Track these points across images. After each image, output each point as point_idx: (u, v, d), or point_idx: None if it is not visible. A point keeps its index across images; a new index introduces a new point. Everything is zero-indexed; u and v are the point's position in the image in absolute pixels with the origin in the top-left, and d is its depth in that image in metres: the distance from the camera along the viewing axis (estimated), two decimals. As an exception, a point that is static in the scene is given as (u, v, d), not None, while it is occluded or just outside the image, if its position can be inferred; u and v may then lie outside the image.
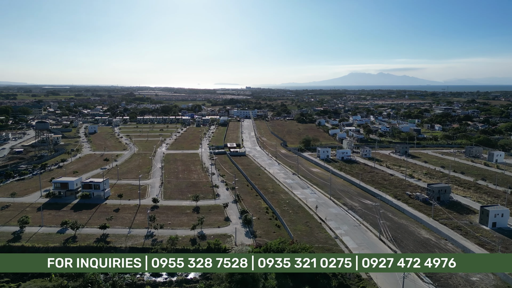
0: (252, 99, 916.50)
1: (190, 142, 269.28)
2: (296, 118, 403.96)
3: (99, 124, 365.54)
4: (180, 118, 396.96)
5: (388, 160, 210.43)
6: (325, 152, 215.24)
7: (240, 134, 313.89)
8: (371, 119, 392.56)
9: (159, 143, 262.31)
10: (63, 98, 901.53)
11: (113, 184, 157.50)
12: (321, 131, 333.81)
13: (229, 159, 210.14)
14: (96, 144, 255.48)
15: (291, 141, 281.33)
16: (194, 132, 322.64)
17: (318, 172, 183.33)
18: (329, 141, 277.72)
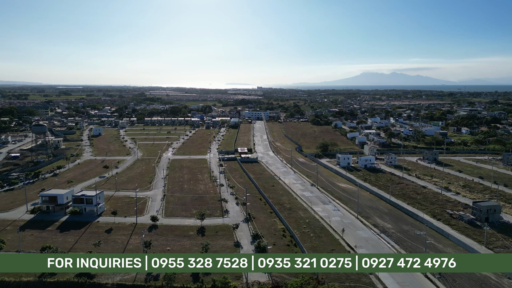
0: (264, 99, 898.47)
1: (198, 146, 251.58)
2: (311, 120, 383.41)
3: (105, 125, 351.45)
4: (189, 119, 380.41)
5: (416, 168, 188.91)
6: (346, 159, 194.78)
7: (252, 138, 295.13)
8: (391, 121, 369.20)
9: (165, 147, 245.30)
10: (74, 98, 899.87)
11: (109, 196, 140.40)
12: (338, 134, 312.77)
13: (240, 166, 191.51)
14: (98, 148, 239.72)
15: (307, 146, 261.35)
16: (203, 135, 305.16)
17: (340, 183, 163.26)
18: (347, 146, 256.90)
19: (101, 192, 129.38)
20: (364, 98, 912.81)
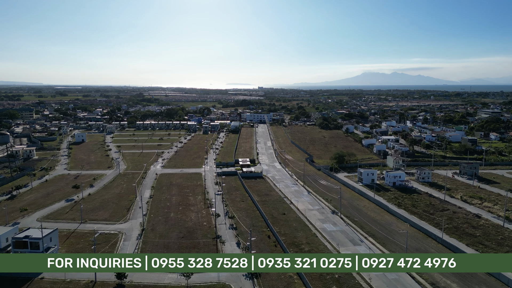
0: (265, 100, 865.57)
1: (193, 156, 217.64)
2: (318, 124, 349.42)
3: (93, 130, 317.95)
4: (186, 123, 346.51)
5: (456, 187, 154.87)
6: (370, 175, 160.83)
7: (255, 145, 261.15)
8: (408, 125, 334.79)
9: (154, 157, 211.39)
10: (69, 99, 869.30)
11: (71, 232, 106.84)
12: (351, 140, 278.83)
13: (241, 184, 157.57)
14: (76, 160, 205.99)
15: (318, 155, 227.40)
16: (200, 141, 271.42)
17: (369, 210, 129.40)
18: (365, 155, 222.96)
19: (54, 231, 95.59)
20: (369, 99, 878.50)
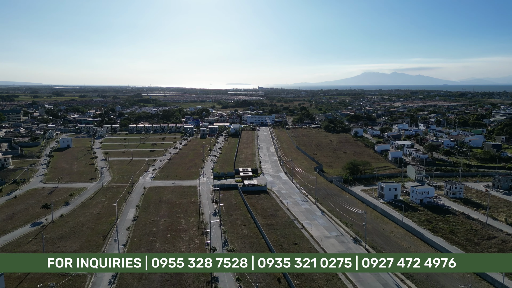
0: (266, 100, 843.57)
1: (188, 165, 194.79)
2: (324, 126, 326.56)
3: (82, 134, 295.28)
4: (182, 126, 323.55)
5: (495, 204, 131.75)
6: (392, 190, 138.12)
7: (257, 151, 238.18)
8: (421, 128, 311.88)
9: (144, 166, 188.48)
10: (64, 99, 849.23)
11: (25, 275, 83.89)
12: (361, 145, 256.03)
13: (243, 201, 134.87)
14: (56, 170, 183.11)
15: (327, 163, 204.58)
16: (197, 146, 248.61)
17: (396, 236, 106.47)
18: (379, 163, 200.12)
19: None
20: (372, 99, 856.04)
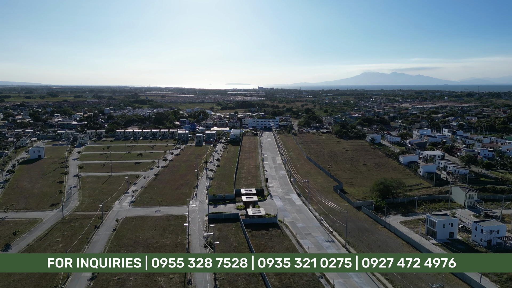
0: (267, 101, 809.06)
1: (178, 183, 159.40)
2: (335, 132, 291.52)
3: (61, 141, 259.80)
4: (176, 131, 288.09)
5: None
6: (446, 226, 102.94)
7: (261, 162, 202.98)
8: (446, 133, 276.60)
9: (124, 184, 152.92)
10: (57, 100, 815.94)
11: None
12: (381, 155, 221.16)
13: (246, 242, 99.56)
14: (12, 191, 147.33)
15: (347, 179, 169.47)
16: (191, 156, 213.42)
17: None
18: (408, 178, 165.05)
19: None
20: (377, 100, 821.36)
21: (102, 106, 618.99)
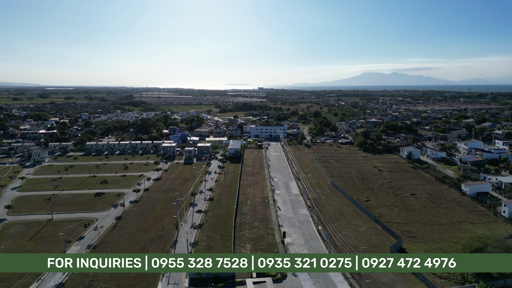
0: (268, 102, 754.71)
1: (147, 237, 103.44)
2: (359, 143, 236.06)
3: (15, 157, 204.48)
4: (161, 143, 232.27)
5: None
6: None
7: (270, 193, 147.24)
8: (501, 146, 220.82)
9: (62, 237, 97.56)
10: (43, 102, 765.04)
11: None
12: (429, 178, 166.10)
13: None
14: None
15: (398, 222, 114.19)
16: (176, 181, 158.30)
17: None
18: (488, 223, 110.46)
19: None
20: (387, 101, 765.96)
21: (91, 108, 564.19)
